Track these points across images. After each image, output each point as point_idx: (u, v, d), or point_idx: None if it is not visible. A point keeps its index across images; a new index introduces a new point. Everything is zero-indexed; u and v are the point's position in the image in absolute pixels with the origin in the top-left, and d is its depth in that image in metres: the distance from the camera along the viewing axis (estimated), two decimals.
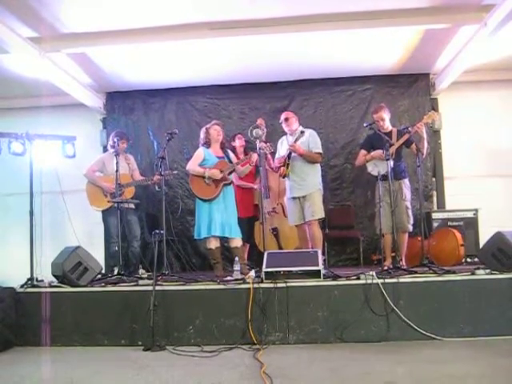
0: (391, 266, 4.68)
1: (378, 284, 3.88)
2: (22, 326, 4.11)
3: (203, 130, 5.21)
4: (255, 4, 4.85)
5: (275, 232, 6.03)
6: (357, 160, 5.54)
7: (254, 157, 4.98)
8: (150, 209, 6.66)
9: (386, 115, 5.35)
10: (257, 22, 5.14)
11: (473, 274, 4.01)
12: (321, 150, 5.29)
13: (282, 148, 5.44)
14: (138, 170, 5.86)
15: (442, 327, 3.80)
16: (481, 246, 5.09)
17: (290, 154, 5.18)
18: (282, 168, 5.27)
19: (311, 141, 5.25)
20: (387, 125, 5.36)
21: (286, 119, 5.37)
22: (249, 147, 6.00)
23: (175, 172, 5.58)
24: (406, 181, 5.31)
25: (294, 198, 5.26)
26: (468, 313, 3.84)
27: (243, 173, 5.32)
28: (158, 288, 3.95)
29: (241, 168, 5.16)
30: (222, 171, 4.94)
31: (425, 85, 6.85)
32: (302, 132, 5.17)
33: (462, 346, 3.60)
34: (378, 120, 5.32)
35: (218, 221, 4.85)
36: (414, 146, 5.12)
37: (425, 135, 5.13)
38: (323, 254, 5.28)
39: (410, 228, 5.24)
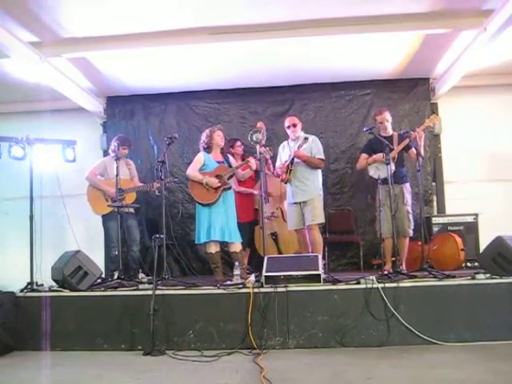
0: (391, 271, 4.68)
1: (378, 288, 3.87)
2: (21, 330, 4.10)
3: (207, 132, 5.17)
4: (255, 8, 4.87)
5: (274, 236, 6.02)
6: (358, 164, 5.53)
7: (252, 162, 4.97)
8: (150, 213, 6.65)
9: (389, 117, 5.35)
10: (257, 26, 5.15)
11: (473, 278, 4.00)
12: (323, 156, 5.31)
13: (284, 153, 5.44)
14: (137, 176, 5.87)
15: (442, 332, 3.79)
16: (481, 250, 5.09)
17: (292, 159, 5.19)
18: (284, 174, 5.27)
19: (314, 147, 5.26)
20: (389, 128, 5.37)
21: (295, 125, 5.37)
22: (249, 152, 5.99)
23: (176, 179, 5.59)
24: (408, 185, 5.31)
25: (294, 204, 5.26)
26: (468, 317, 3.83)
27: (244, 177, 5.33)
28: (157, 292, 3.95)
29: (241, 172, 5.16)
30: (220, 179, 4.93)
31: (425, 89, 6.86)
32: (306, 138, 5.17)
33: (462, 350, 3.58)
34: (381, 122, 5.31)
35: (217, 225, 4.85)
36: (412, 151, 5.12)
37: (422, 141, 5.12)
38: (323, 258, 5.28)
39: (411, 233, 5.23)
